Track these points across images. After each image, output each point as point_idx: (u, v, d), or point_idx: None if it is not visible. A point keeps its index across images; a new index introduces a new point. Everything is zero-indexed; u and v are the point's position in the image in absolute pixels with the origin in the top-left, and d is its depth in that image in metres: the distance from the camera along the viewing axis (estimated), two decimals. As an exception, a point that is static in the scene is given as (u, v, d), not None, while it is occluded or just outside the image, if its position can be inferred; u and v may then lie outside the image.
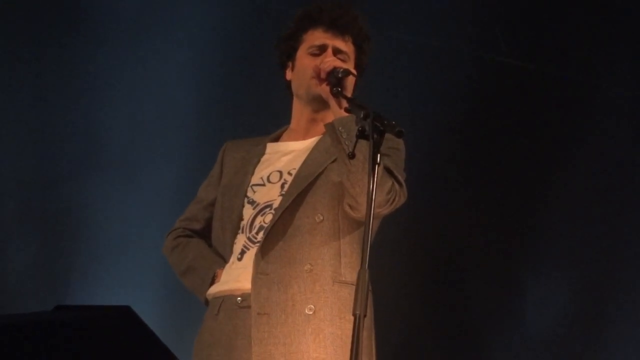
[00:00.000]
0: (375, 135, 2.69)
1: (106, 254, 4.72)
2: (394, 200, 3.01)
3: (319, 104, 3.17)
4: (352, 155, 2.84)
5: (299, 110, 3.28)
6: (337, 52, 3.19)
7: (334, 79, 3.04)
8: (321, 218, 3.04)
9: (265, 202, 3.15)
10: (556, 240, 5.12)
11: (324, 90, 3.06)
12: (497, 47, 5.14)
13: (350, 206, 3.02)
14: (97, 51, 4.78)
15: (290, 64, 3.30)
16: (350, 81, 3.05)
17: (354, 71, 3.08)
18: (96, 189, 4.74)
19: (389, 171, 3.03)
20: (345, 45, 3.22)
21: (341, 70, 3.03)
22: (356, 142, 2.79)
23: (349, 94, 3.03)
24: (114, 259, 4.70)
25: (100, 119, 4.78)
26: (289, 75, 3.31)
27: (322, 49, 3.19)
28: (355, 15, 3.24)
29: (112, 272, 4.69)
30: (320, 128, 3.19)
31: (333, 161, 3.08)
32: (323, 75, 3.06)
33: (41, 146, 4.74)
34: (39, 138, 4.74)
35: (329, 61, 3.08)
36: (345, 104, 2.98)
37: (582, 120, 5.19)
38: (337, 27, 3.19)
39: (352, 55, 3.22)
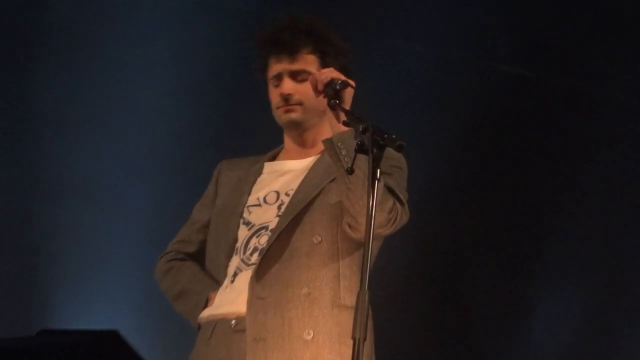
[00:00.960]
0: (374, 150, 2.62)
1: (91, 276, 4.66)
2: (395, 220, 2.94)
3: (295, 129, 3.15)
4: (350, 171, 2.78)
5: (287, 136, 3.24)
6: (293, 76, 3.13)
7: (332, 90, 2.94)
8: (319, 239, 2.98)
9: (261, 224, 3.08)
10: (568, 254, 5.07)
11: (321, 102, 2.97)
12: (496, 55, 5.13)
13: (349, 226, 2.96)
14: (57, 74, 4.70)
15: None
16: (348, 93, 2.96)
17: (352, 82, 2.99)
18: (72, 213, 4.68)
19: (390, 190, 2.97)
20: (303, 63, 3.14)
21: (339, 82, 2.93)
22: (355, 157, 2.73)
23: (347, 106, 2.93)
24: (99, 281, 4.64)
25: (73, 140, 4.71)
26: None
27: (278, 78, 3.14)
28: (302, 28, 3.16)
29: (97, 294, 4.63)
30: (318, 147, 3.13)
31: (331, 180, 3.01)
32: (320, 87, 2.96)
33: (15, 170, 4.69)
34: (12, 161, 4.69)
35: (326, 72, 2.99)
36: (343, 117, 2.90)
37: (588, 130, 5.15)
38: (284, 51, 3.13)
39: (314, 66, 3.13)
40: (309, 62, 3.14)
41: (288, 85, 3.11)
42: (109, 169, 4.69)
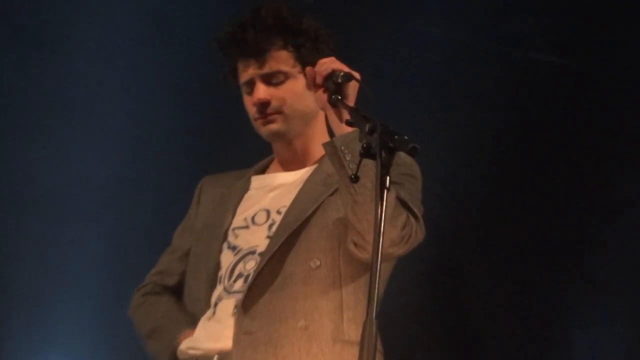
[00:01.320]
0: (383, 154, 2.29)
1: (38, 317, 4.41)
2: (409, 237, 2.62)
3: (279, 140, 2.83)
4: (355, 179, 2.45)
5: (273, 146, 2.91)
6: (266, 79, 2.79)
7: (333, 84, 2.61)
8: (317, 263, 2.67)
9: (248, 248, 2.76)
10: (611, 289, 4.92)
11: (320, 98, 2.65)
12: (534, 44, 4.98)
13: (355, 244, 2.62)
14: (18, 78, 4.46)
15: None
16: (352, 87, 2.62)
17: (356, 75, 2.64)
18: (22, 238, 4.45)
19: (402, 202, 2.63)
20: (274, 63, 2.79)
21: (341, 74, 2.60)
22: (360, 162, 2.41)
23: (350, 103, 2.61)
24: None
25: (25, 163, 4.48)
26: None
27: (250, 84, 2.81)
28: (266, 22, 2.80)
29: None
30: (312, 155, 2.83)
31: (331, 194, 2.71)
32: (319, 80, 2.63)
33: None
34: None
35: (326, 62, 2.64)
36: (346, 115, 2.57)
37: (635, 127, 4.93)
38: (249, 53, 2.79)
39: (289, 63, 2.79)
40: (281, 60, 2.80)
41: (261, 91, 2.78)
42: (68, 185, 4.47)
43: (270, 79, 2.77)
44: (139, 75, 4.48)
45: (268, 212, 2.79)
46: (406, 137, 2.29)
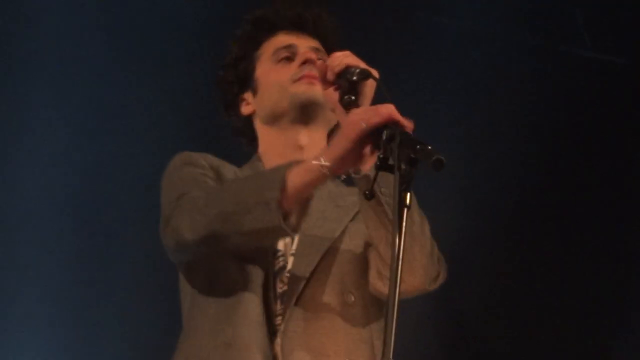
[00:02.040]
0: (403, 166, 2.02)
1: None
2: (439, 273, 2.42)
3: (311, 112, 2.54)
4: (369, 196, 2.19)
5: (277, 139, 2.61)
6: (314, 51, 2.60)
7: (346, 82, 2.32)
8: (352, 299, 2.45)
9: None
10: None
11: (330, 97, 2.34)
12: (579, 39, 4.78)
13: (380, 275, 2.41)
14: None
15: (246, 94, 2.67)
16: (369, 87, 2.33)
17: (374, 72, 2.33)
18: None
19: None
20: (318, 44, 2.65)
21: (357, 70, 2.31)
22: (376, 175, 2.16)
23: (366, 104, 2.32)
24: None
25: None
26: (247, 108, 2.67)
27: (292, 50, 2.61)
28: (321, 13, 2.68)
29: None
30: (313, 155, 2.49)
31: (352, 219, 2.50)
32: (331, 76, 2.33)
33: None
34: None
35: (340, 56, 2.34)
36: None
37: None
38: (302, 28, 2.64)
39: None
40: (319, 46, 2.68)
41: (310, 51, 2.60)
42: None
43: (314, 53, 2.58)
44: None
45: None
46: (430, 147, 2.00)
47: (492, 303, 4.64)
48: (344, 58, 2.32)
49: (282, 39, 2.62)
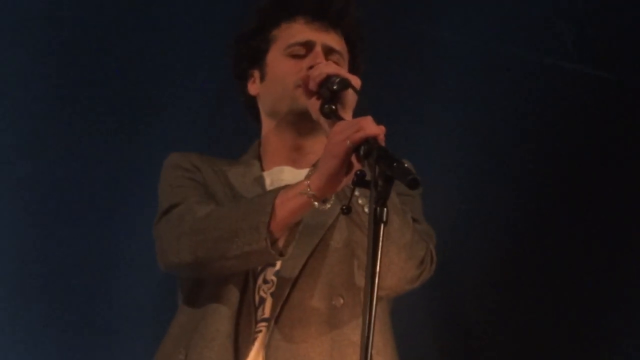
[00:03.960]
0: (379, 182, 2.03)
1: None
2: (422, 273, 2.43)
3: (308, 123, 2.47)
4: (346, 210, 2.19)
5: (276, 136, 2.60)
6: (328, 51, 2.54)
7: (328, 92, 2.33)
8: (341, 302, 2.43)
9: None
10: None
11: (313, 106, 2.35)
12: (565, 52, 4.76)
13: (359, 270, 2.43)
14: None
15: (255, 72, 2.62)
16: (350, 97, 2.34)
17: (356, 81, 2.35)
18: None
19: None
20: (338, 42, 2.57)
21: (337, 79, 2.33)
22: (353, 191, 2.21)
23: (347, 114, 2.33)
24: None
25: None
26: (253, 88, 2.63)
27: (308, 47, 2.53)
28: (347, 5, 2.58)
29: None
30: (311, 158, 2.56)
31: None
32: (312, 86, 2.34)
33: None
34: None
35: (321, 66, 2.36)
36: None
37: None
38: (325, 17, 2.55)
39: (345, 57, 2.58)
40: (343, 48, 2.59)
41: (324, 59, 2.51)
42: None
43: (329, 54, 2.53)
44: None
45: None
46: (406, 165, 2.02)
47: (492, 302, 4.64)
48: (325, 68, 2.34)
49: (301, 31, 2.55)
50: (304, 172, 2.53)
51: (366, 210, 2.27)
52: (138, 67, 4.24)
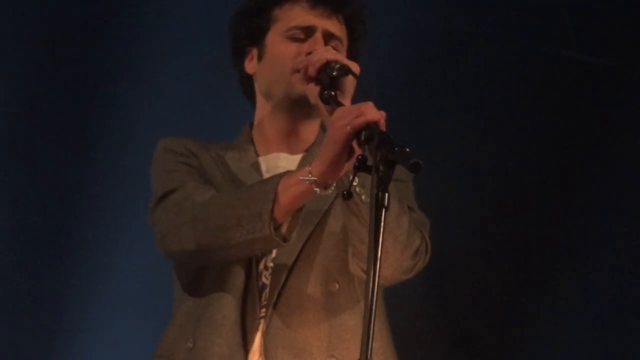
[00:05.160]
0: (381, 167, 2.03)
1: None
2: (417, 264, 2.45)
3: (304, 109, 2.52)
4: (347, 195, 2.20)
5: (271, 121, 2.61)
6: (328, 37, 2.55)
7: (327, 77, 2.34)
8: (337, 287, 2.47)
9: None
10: None
11: (312, 92, 2.37)
12: (565, 40, 4.73)
13: (363, 270, 2.41)
14: None
15: (253, 50, 2.63)
16: (349, 82, 2.36)
17: (355, 67, 2.37)
18: None
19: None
20: (339, 28, 2.58)
21: (337, 65, 2.34)
22: (354, 176, 2.19)
23: (346, 100, 2.34)
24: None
25: None
26: (250, 66, 2.64)
27: (308, 32, 2.54)
28: None
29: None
30: (305, 143, 2.59)
31: (337, 196, 2.47)
32: (312, 71, 2.36)
33: None
34: None
35: (321, 52, 2.39)
36: None
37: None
38: (328, 2, 2.55)
39: (344, 43, 2.59)
40: (343, 33, 2.61)
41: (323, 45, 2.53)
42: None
43: (329, 40, 2.55)
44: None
45: None
46: (408, 150, 2.01)
47: (491, 301, 4.63)
48: (324, 53, 2.36)
49: (302, 14, 2.56)
50: (299, 157, 2.57)
51: (363, 198, 2.29)
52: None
